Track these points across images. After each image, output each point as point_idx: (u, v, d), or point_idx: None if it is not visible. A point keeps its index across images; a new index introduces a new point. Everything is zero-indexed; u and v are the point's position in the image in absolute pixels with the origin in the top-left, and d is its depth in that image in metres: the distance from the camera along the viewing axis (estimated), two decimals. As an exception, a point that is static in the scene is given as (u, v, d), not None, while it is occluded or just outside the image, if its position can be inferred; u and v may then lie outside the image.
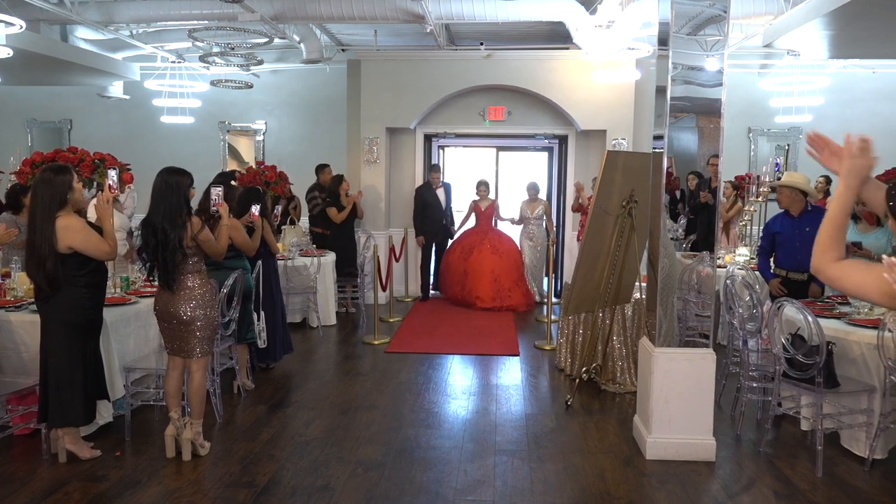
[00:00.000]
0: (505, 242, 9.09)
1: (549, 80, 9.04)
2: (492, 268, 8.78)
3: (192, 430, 4.05)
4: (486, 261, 8.79)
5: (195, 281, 3.93)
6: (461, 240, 9.25)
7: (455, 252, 9.13)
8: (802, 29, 6.57)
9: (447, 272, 9.14)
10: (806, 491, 3.79)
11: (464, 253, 8.98)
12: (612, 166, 5.07)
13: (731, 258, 6.95)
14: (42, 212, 3.71)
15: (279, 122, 10.66)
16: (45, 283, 3.75)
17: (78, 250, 3.76)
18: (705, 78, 4.30)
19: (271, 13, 7.30)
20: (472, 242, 9.03)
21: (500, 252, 8.87)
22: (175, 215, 3.80)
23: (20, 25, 5.82)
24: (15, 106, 10.83)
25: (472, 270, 8.80)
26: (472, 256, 8.86)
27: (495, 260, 8.82)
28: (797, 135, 10.20)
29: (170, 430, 4.06)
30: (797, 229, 5.21)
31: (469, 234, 9.24)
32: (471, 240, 9.09)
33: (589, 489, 3.84)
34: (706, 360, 4.17)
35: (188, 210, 3.87)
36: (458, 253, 9.06)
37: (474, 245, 8.96)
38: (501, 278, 8.76)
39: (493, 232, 9.15)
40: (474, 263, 8.82)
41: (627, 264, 5.40)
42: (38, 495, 3.62)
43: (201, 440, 4.13)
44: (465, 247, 9.04)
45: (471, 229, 9.32)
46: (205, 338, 4.01)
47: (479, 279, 8.74)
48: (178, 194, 3.83)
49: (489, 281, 8.72)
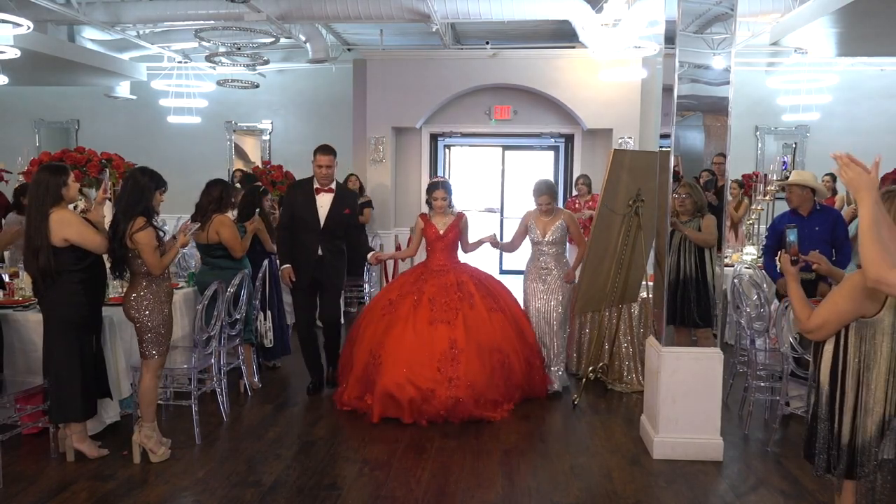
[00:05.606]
0: (487, 292, 5.10)
1: (555, 78, 9.02)
2: (451, 340, 4.71)
3: (141, 434, 4.00)
4: (440, 330, 4.74)
5: (142, 282, 3.91)
6: (387, 291, 5.29)
7: (375, 311, 5.09)
8: (810, 26, 6.54)
9: (353, 349, 5.06)
10: (814, 491, 3.76)
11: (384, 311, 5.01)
12: (618, 165, 5.06)
13: (739, 257, 6.92)
14: (37, 206, 3.81)
15: (285, 122, 10.68)
16: (38, 276, 3.83)
17: (73, 242, 3.81)
18: (712, 76, 4.28)
19: (277, 13, 7.32)
20: (406, 291, 5.02)
21: (480, 310, 4.91)
22: (129, 210, 3.84)
23: (28, 26, 5.85)
24: (23, 106, 10.88)
25: (394, 339, 4.76)
26: (398, 313, 4.89)
27: (468, 321, 4.81)
28: (804, 133, 10.15)
29: (135, 435, 4.05)
30: (806, 229, 5.17)
31: (404, 278, 5.27)
32: (406, 288, 5.05)
33: (596, 489, 3.83)
34: (714, 360, 4.16)
35: (143, 210, 3.86)
36: (379, 312, 5.04)
37: (408, 294, 4.97)
38: (480, 358, 4.73)
39: (458, 272, 5.14)
40: (399, 323, 4.81)
41: (634, 263, 5.39)
42: (46, 494, 3.63)
43: (152, 445, 4.01)
44: (389, 303, 5.04)
45: (410, 270, 5.40)
46: (151, 341, 3.94)
47: (411, 355, 4.68)
48: (139, 192, 3.86)
49: (429, 362, 4.67)
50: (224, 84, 9.25)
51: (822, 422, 2.60)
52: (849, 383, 2.51)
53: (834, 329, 2.51)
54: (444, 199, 5.19)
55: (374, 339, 4.86)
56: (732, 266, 6.28)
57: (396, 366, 4.66)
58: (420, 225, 5.28)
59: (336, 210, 5.17)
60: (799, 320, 2.63)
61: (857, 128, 9.82)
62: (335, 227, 5.19)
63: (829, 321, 2.50)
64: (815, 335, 2.57)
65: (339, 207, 5.18)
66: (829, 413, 2.58)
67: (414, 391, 4.60)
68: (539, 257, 5.35)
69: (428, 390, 4.61)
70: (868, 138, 9.57)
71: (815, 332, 2.56)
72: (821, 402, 2.60)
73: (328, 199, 5.16)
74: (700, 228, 4.98)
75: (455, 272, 5.13)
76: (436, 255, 5.20)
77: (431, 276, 5.09)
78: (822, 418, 2.60)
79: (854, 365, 2.49)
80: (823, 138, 9.93)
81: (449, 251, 5.22)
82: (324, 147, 5.17)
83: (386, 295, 5.17)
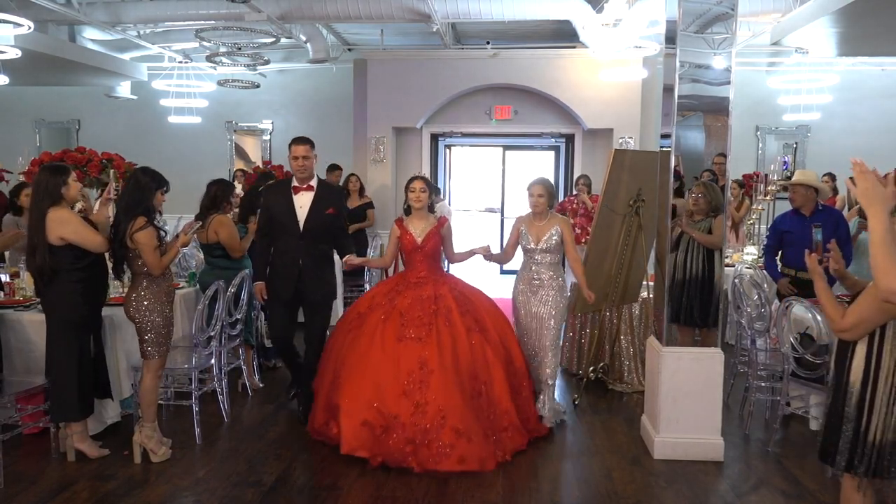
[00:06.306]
0: (469, 308, 4.40)
1: (555, 78, 9.02)
2: (421, 360, 4.07)
3: (142, 434, 4.01)
4: (409, 348, 4.11)
5: (143, 282, 3.92)
6: (358, 303, 4.60)
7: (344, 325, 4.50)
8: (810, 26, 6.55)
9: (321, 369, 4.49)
10: (815, 491, 3.76)
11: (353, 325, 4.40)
12: (618, 165, 5.06)
13: (739, 257, 6.92)
14: (36, 205, 3.84)
15: (286, 122, 10.68)
16: (36, 274, 3.87)
17: (70, 241, 3.81)
18: (713, 76, 4.28)
19: (277, 13, 7.32)
20: (376, 304, 4.41)
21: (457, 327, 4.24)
22: (130, 209, 3.85)
23: (28, 26, 5.86)
24: (23, 107, 10.88)
25: (356, 356, 4.18)
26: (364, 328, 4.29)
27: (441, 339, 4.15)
28: (805, 133, 10.14)
29: (135, 435, 4.06)
30: (808, 229, 5.17)
31: (378, 289, 4.65)
32: (377, 300, 4.45)
33: (596, 488, 3.83)
34: (714, 360, 4.15)
35: (144, 210, 3.86)
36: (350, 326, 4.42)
37: (378, 307, 4.37)
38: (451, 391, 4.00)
39: (437, 284, 4.46)
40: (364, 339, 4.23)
41: (635, 263, 5.39)
42: (47, 494, 3.63)
43: (153, 445, 4.01)
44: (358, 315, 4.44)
45: (386, 281, 4.91)
46: (152, 341, 3.94)
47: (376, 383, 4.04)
48: (140, 192, 3.87)
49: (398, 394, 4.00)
50: (224, 84, 9.25)
51: (849, 422, 2.58)
52: (881, 383, 2.49)
53: (868, 328, 2.49)
54: (423, 189, 4.51)
55: (337, 358, 4.30)
56: (733, 266, 6.28)
57: (358, 388, 4.04)
58: (395, 232, 4.58)
59: (317, 210, 4.50)
60: (832, 320, 2.60)
61: (858, 128, 9.82)
62: (318, 231, 4.51)
63: (863, 321, 2.48)
64: (849, 335, 2.55)
65: (320, 207, 4.51)
66: (857, 413, 2.56)
67: (375, 417, 3.94)
68: (531, 266, 4.68)
69: (391, 416, 3.94)
70: (869, 138, 9.57)
71: (849, 332, 2.54)
72: (849, 403, 2.57)
73: (308, 199, 4.50)
74: (711, 228, 4.99)
75: (434, 284, 4.44)
76: (414, 267, 4.54)
77: (408, 288, 4.42)
78: (850, 418, 2.57)
79: (889, 364, 2.47)
80: (824, 138, 9.93)
81: (429, 263, 4.54)
82: (298, 137, 4.55)
83: (356, 307, 4.53)
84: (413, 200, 4.53)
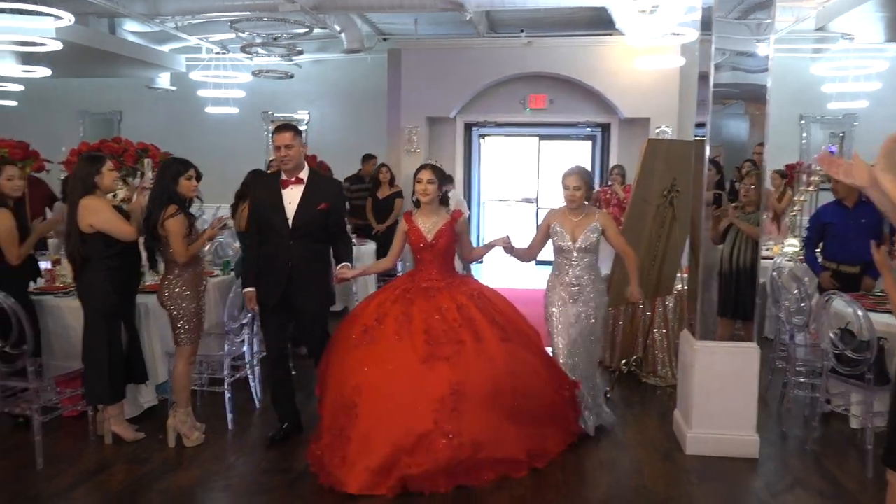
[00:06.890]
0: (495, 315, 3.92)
1: (591, 66, 8.89)
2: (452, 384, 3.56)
3: (175, 419, 4.09)
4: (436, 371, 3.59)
5: (175, 270, 3.97)
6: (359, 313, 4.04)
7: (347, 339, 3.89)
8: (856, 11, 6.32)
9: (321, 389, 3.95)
10: (854, 491, 3.65)
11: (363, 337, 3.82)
12: (652, 155, 4.95)
13: (779, 249, 6.74)
14: (71, 194, 3.97)
15: (321, 112, 10.74)
16: (70, 260, 4.03)
17: (99, 229, 3.89)
18: (752, 63, 4.15)
19: (311, 3, 7.33)
20: (385, 313, 3.87)
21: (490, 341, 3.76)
22: (156, 197, 3.90)
23: (69, 19, 5.97)
24: (68, 98, 11.14)
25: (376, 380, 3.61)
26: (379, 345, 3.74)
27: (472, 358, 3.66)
28: (852, 122, 9.81)
29: (169, 419, 4.13)
30: (852, 220, 5.01)
31: (384, 295, 4.06)
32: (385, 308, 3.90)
33: (625, 483, 3.78)
34: (749, 355, 4.05)
35: (170, 197, 3.89)
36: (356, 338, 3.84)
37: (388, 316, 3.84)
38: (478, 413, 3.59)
39: (453, 291, 3.96)
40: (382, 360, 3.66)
41: (669, 255, 5.28)
42: (85, 475, 3.74)
43: (186, 430, 4.09)
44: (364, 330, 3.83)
45: (391, 284, 4.25)
46: (183, 328, 4.00)
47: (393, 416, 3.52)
48: (168, 178, 3.91)
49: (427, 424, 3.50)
50: (259, 74, 9.33)
51: None
52: None
53: None
54: (430, 181, 3.96)
55: (343, 379, 3.67)
56: (772, 259, 6.12)
57: (376, 422, 3.48)
58: (403, 227, 4.10)
59: (307, 205, 3.96)
60: None
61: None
62: (309, 229, 3.96)
63: None
64: None
65: (311, 201, 3.96)
66: None
67: (398, 455, 3.44)
68: (567, 269, 4.14)
69: (416, 452, 3.44)
70: (920, 127, 9.20)
71: None
72: None
73: (297, 193, 3.97)
74: (759, 221, 4.88)
75: (450, 291, 3.91)
76: (424, 268, 4.03)
77: (419, 295, 3.88)
78: None
79: None
80: (872, 127, 9.56)
81: (441, 263, 4.02)
82: (281, 124, 4.04)
83: (360, 319, 3.90)
84: (420, 193, 4.01)
